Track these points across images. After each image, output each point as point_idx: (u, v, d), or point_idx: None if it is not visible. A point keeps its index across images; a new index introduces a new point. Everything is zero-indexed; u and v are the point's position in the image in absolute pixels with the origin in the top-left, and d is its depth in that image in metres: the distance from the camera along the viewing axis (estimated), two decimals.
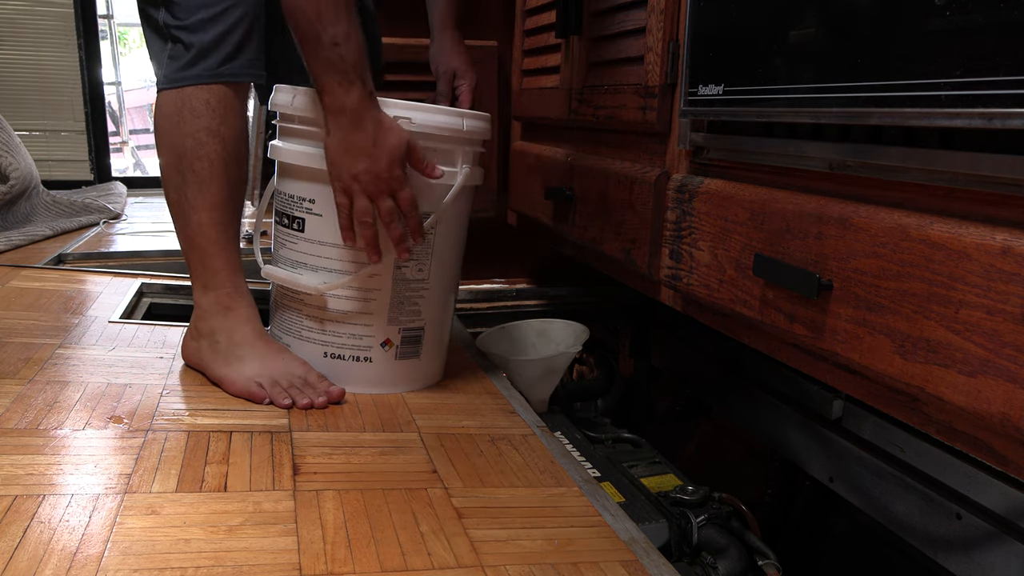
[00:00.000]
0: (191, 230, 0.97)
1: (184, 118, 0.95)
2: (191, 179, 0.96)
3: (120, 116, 4.77)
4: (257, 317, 1.00)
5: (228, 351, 0.97)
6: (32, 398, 0.89)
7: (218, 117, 0.95)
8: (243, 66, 0.97)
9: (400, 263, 0.98)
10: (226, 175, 0.97)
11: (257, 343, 0.98)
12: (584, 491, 0.81)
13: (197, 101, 0.95)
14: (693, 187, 0.91)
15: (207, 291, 0.98)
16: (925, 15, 0.58)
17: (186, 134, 0.95)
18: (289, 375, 0.96)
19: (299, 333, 1.02)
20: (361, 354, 1.01)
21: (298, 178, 0.98)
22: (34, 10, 2.67)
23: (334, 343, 1.00)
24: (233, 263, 0.99)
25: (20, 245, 1.72)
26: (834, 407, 1.06)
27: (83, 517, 0.66)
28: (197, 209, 0.96)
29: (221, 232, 0.98)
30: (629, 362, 1.64)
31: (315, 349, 1.01)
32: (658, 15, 1.00)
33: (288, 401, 0.93)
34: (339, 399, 0.96)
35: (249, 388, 0.94)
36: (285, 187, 1.00)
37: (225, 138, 0.96)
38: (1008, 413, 0.54)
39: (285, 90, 0.98)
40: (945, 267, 0.58)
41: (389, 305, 0.99)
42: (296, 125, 0.97)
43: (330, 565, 0.63)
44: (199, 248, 0.98)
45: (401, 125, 0.91)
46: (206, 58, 0.94)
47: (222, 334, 0.98)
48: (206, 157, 0.95)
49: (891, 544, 1.07)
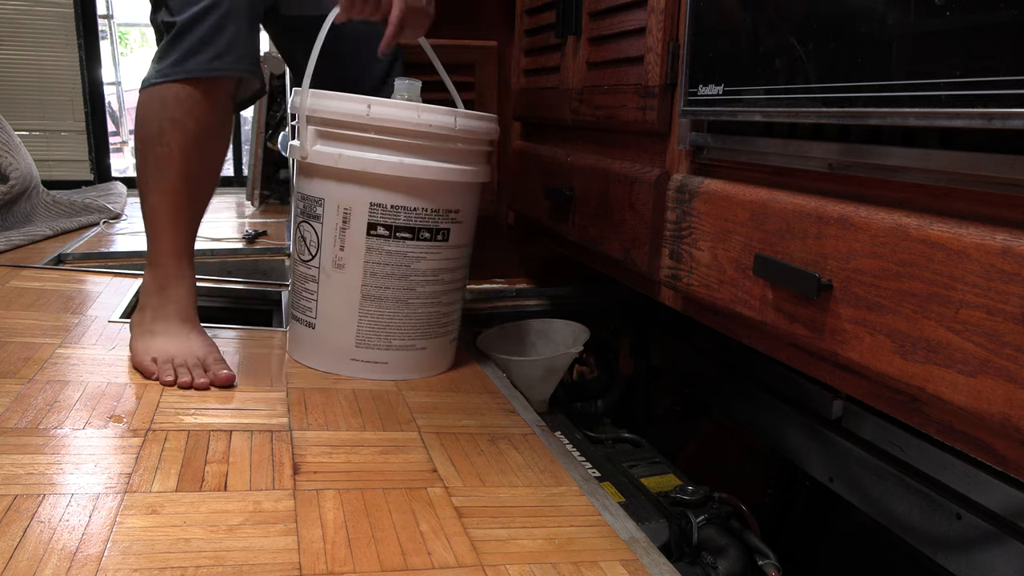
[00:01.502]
0: (147, 210, 1.04)
1: (153, 109, 1.00)
2: (152, 163, 1.01)
3: (120, 116, 4.77)
4: (187, 299, 1.04)
5: (147, 325, 1.03)
6: (32, 398, 0.89)
7: (183, 109, 0.99)
8: (209, 60, 0.98)
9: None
10: (185, 164, 1.00)
11: (173, 322, 1.03)
12: (584, 490, 0.81)
13: (168, 94, 0.99)
14: (693, 187, 0.91)
15: (150, 268, 1.05)
16: (925, 15, 0.58)
17: (152, 122, 1.00)
18: (187, 355, 1.00)
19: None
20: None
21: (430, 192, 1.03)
22: (34, 10, 2.67)
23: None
24: (179, 246, 1.04)
25: (20, 245, 1.72)
26: (834, 407, 1.06)
27: (83, 517, 0.66)
28: (153, 192, 1.02)
29: (172, 216, 1.02)
30: (629, 362, 1.64)
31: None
32: (658, 15, 1.00)
33: (170, 378, 0.97)
34: (225, 383, 0.98)
35: (143, 362, 1.00)
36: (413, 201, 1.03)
37: (187, 129, 0.99)
38: (1008, 413, 0.54)
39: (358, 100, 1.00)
40: (945, 267, 0.58)
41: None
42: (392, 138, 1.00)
43: (330, 564, 0.63)
44: (151, 227, 1.04)
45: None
46: (184, 55, 0.98)
47: (149, 310, 1.04)
48: (166, 144, 1.00)
49: (891, 544, 1.06)
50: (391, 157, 1.00)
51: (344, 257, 1.04)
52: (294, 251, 1.10)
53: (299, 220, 1.07)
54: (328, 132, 1.01)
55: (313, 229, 1.05)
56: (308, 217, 1.05)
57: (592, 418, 1.37)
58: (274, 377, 1.04)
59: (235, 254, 1.76)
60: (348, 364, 1.07)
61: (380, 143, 1.00)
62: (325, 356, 1.08)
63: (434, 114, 1.00)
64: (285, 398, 0.97)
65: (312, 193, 1.04)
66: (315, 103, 1.01)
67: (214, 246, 1.79)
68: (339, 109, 0.99)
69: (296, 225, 1.09)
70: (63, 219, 2.03)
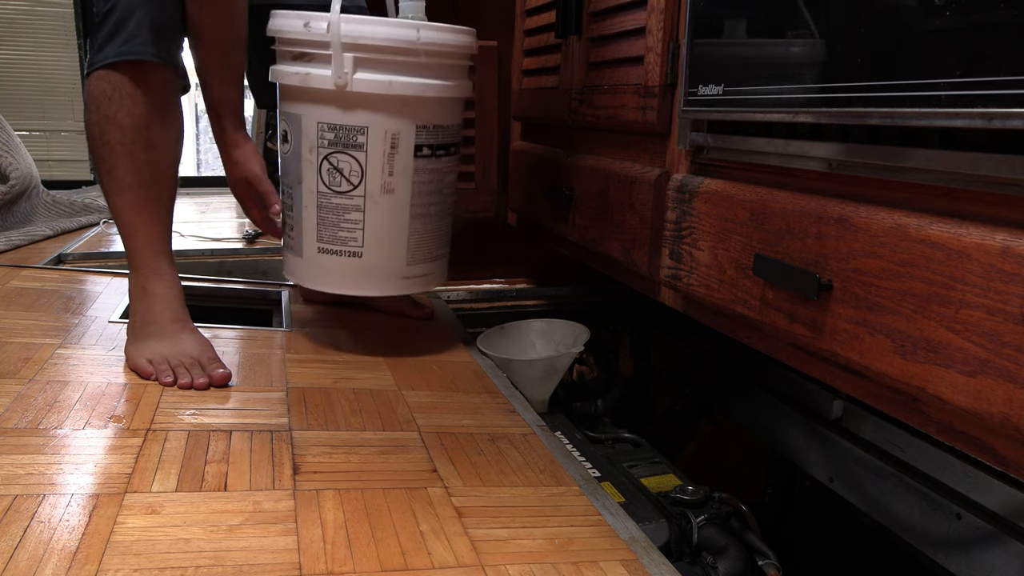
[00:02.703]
0: (112, 213, 1.03)
1: (90, 110, 1.00)
2: (102, 166, 1.01)
3: None
4: (173, 297, 1.04)
5: (140, 329, 1.02)
6: (32, 398, 0.89)
7: (114, 104, 0.98)
8: (137, 45, 0.97)
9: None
10: (130, 159, 1.00)
11: (165, 323, 1.02)
12: (584, 490, 0.81)
13: (98, 91, 0.99)
14: (693, 187, 0.91)
15: (131, 271, 1.05)
16: (925, 15, 0.58)
17: (92, 123, 1.00)
18: (182, 355, 0.99)
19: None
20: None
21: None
22: (34, 10, 2.67)
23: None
24: (151, 243, 1.03)
25: (20, 245, 1.72)
26: (834, 407, 1.06)
27: (83, 516, 0.66)
28: (111, 193, 1.02)
29: (135, 214, 1.02)
30: (629, 362, 1.64)
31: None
32: (658, 15, 1.00)
33: (170, 379, 0.97)
34: (221, 382, 0.98)
35: (139, 364, 0.99)
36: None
37: (123, 125, 0.99)
38: (1008, 413, 0.54)
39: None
40: (945, 267, 0.58)
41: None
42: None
43: (330, 564, 0.63)
44: (121, 229, 1.04)
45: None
46: (104, 44, 0.98)
47: (139, 314, 1.03)
48: (107, 144, 0.99)
49: (891, 544, 1.06)
50: (436, 80, 1.05)
51: (393, 182, 1.07)
52: (316, 185, 1.07)
53: (328, 151, 1.05)
54: (373, 59, 1.01)
55: (354, 159, 1.04)
56: (346, 147, 1.04)
57: (592, 418, 1.37)
58: (274, 377, 1.04)
59: (235, 254, 1.76)
60: (400, 283, 1.12)
61: (427, 67, 1.03)
62: (375, 280, 1.11)
63: (466, 36, 1.06)
64: (285, 398, 0.97)
65: (352, 123, 1.03)
66: (356, 30, 0.99)
67: (214, 246, 1.79)
68: (388, 35, 0.99)
69: (323, 158, 1.06)
70: (63, 219, 2.03)
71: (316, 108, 1.04)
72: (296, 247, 1.13)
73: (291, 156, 1.09)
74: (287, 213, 1.13)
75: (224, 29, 1.05)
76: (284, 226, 1.16)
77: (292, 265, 1.15)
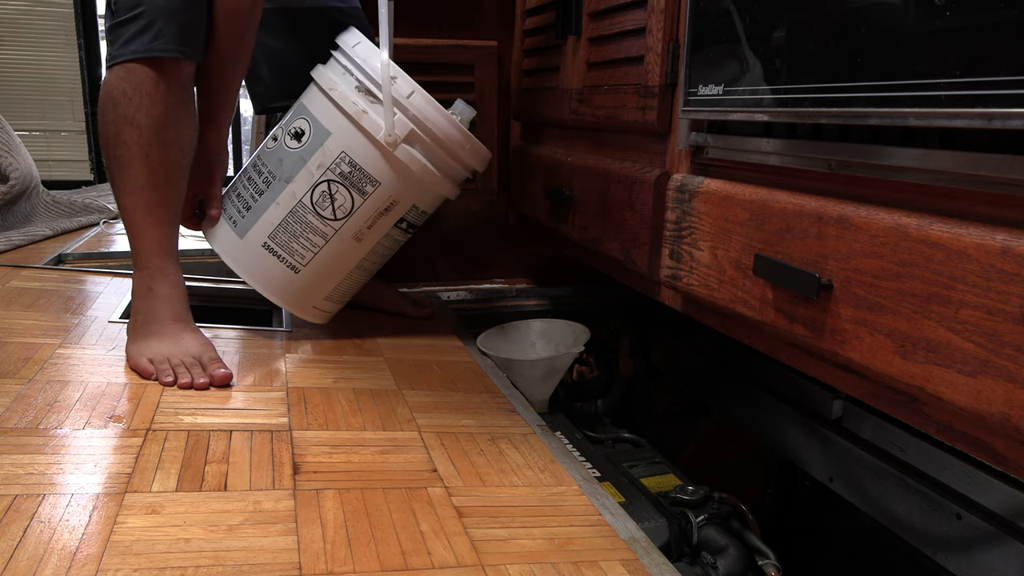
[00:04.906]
0: (121, 211, 1.04)
1: (107, 107, 1.00)
2: (115, 165, 1.01)
3: None
4: (177, 297, 1.04)
5: (142, 329, 1.03)
6: (32, 398, 0.89)
7: (133, 104, 0.98)
8: (166, 43, 0.98)
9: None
10: (145, 160, 1.00)
11: (167, 323, 1.02)
12: (584, 490, 0.81)
13: (117, 90, 0.99)
14: (693, 187, 0.91)
15: (136, 270, 1.05)
16: (925, 15, 0.58)
17: (108, 122, 1.00)
18: (183, 354, 1.00)
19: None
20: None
21: None
22: (34, 10, 2.67)
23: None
24: (158, 244, 1.03)
25: (20, 245, 1.72)
26: (834, 407, 1.06)
27: (83, 516, 0.67)
28: (122, 192, 1.02)
29: (145, 215, 1.02)
30: (629, 362, 1.64)
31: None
32: (658, 15, 1.00)
33: (170, 378, 0.97)
34: (222, 382, 0.98)
35: (140, 364, 0.99)
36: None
37: (141, 125, 0.99)
38: (1008, 413, 0.54)
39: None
40: (945, 267, 0.58)
41: None
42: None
43: (330, 564, 0.63)
44: (129, 228, 1.04)
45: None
46: (131, 40, 0.98)
47: (141, 313, 1.03)
48: (123, 144, 0.99)
49: (891, 544, 1.06)
50: (449, 179, 1.14)
51: (366, 234, 1.13)
52: (303, 196, 1.09)
53: (334, 178, 1.08)
54: (418, 136, 1.08)
55: (351, 197, 1.09)
56: (352, 185, 1.08)
57: (592, 418, 1.37)
58: (274, 377, 1.04)
59: None
60: (305, 308, 1.17)
61: (450, 167, 1.13)
62: (290, 295, 1.15)
63: (485, 157, 1.17)
64: (285, 398, 0.97)
65: (371, 173, 1.08)
66: (425, 110, 1.07)
67: None
68: (446, 133, 1.09)
69: (325, 180, 1.09)
70: (63, 219, 2.03)
71: (350, 138, 1.08)
72: (240, 225, 1.14)
73: (294, 155, 1.10)
74: (245, 190, 1.14)
75: (234, 54, 1.06)
76: (231, 197, 1.16)
77: (224, 237, 1.15)
